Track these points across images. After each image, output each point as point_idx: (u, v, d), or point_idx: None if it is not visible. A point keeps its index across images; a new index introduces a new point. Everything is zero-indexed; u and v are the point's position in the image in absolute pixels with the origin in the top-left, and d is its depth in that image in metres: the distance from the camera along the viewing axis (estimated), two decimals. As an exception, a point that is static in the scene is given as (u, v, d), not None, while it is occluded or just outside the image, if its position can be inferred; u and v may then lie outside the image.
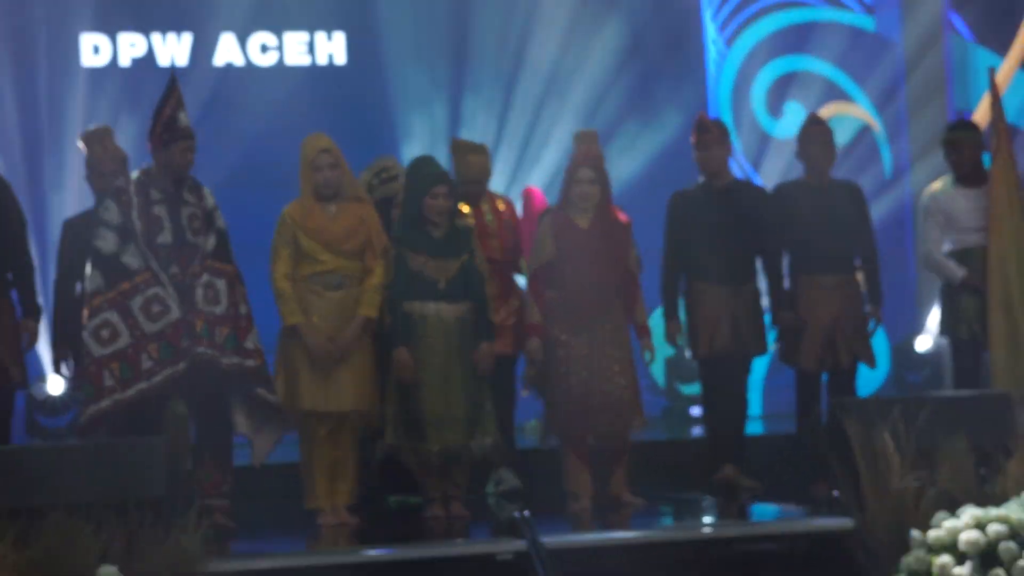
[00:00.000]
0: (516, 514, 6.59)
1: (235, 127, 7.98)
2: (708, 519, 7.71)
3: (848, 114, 12.51)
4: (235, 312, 7.29)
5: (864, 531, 6.55)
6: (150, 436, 6.62)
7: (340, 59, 11.83)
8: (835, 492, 7.04)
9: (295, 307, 7.47)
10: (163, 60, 11.49)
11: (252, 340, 7.33)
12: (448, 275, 7.59)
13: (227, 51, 11.65)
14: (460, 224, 7.78)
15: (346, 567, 6.53)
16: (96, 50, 11.45)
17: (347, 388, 7.51)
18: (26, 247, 7.61)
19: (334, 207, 7.62)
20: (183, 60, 11.50)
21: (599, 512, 7.68)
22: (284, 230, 7.58)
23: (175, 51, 11.52)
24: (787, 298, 8.33)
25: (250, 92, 11.42)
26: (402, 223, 7.66)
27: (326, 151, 7.63)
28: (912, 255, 12.46)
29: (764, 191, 8.64)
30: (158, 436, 6.56)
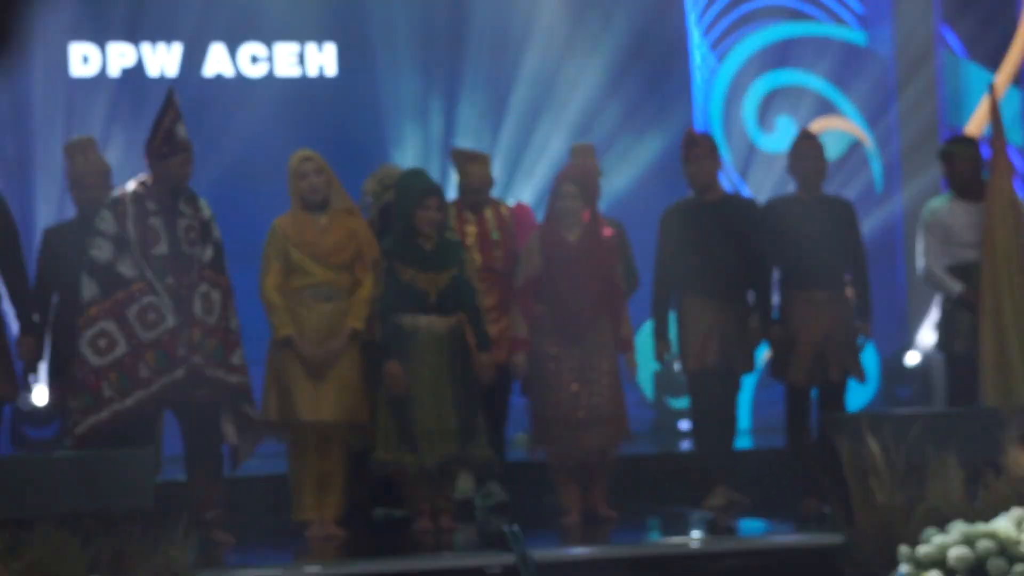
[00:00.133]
0: (505, 528, 6.57)
1: (225, 138, 7.97)
2: (697, 534, 7.69)
3: (839, 129, 12.53)
4: (225, 325, 7.32)
5: (853, 547, 6.56)
6: (141, 446, 6.63)
7: (331, 70, 11.82)
8: (825, 507, 7.06)
9: (287, 319, 7.47)
10: (153, 70, 11.48)
11: (238, 356, 7.35)
12: (439, 287, 7.58)
13: (217, 62, 11.64)
14: (450, 236, 7.78)
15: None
16: (85, 60, 11.43)
17: (335, 399, 7.51)
18: (21, 262, 7.57)
19: (324, 219, 7.62)
20: (173, 70, 11.49)
21: (587, 526, 7.68)
22: (274, 242, 7.58)
23: (165, 61, 11.50)
24: (777, 313, 8.33)
25: (240, 103, 11.41)
26: (392, 236, 7.66)
27: (309, 159, 7.66)
28: (902, 270, 12.49)
29: (754, 204, 8.63)
30: (147, 447, 6.55)
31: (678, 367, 8.73)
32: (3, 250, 7.45)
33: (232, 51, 11.65)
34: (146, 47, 11.47)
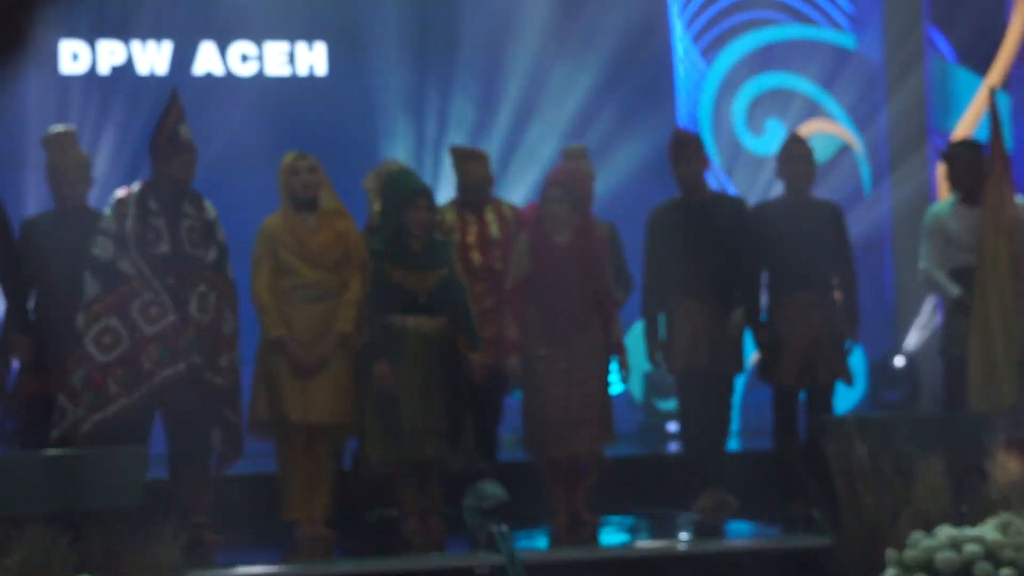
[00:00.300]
0: (494, 528, 6.58)
1: (214, 137, 7.99)
2: (684, 536, 7.70)
3: (828, 132, 12.55)
4: (217, 327, 7.35)
5: (840, 550, 6.55)
6: (135, 444, 6.65)
7: (321, 70, 11.82)
8: (812, 510, 7.06)
9: (278, 320, 7.47)
10: (142, 68, 11.47)
11: (227, 358, 7.37)
12: (428, 288, 7.59)
13: (207, 60, 11.63)
14: (439, 237, 7.79)
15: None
16: (75, 57, 11.42)
17: (324, 400, 7.50)
18: (16, 260, 7.55)
19: (313, 219, 7.62)
20: (163, 68, 11.48)
21: (575, 528, 7.69)
22: (263, 243, 7.58)
23: (155, 59, 11.49)
24: (766, 316, 8.34)
25: (230, 102, 11.41)
26: (382, 236, 7.66)
27: (303, 157, 7.66)
28: (890, 273, 12.52)
29: (742, 202, 8.63)
30: (138, 446, 6.55)
31: (666, 369, 8.70)
32: None
33: (222, 50, 11.65)
34: (136, 45, 11.46)
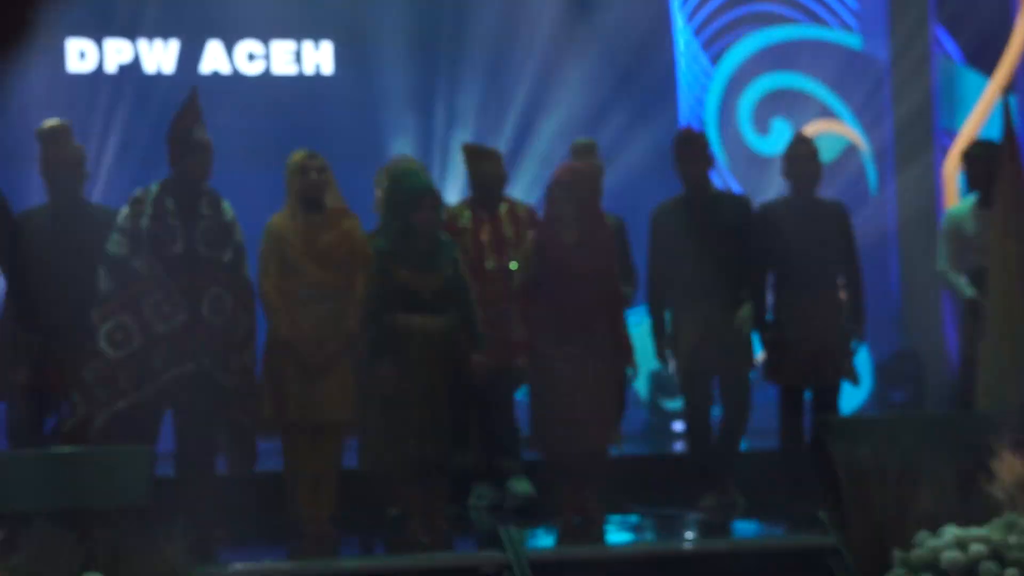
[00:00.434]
0: (499, 527, 6.59)
1: (220, 136, 8.04)
2: (690, 535, 7.71)
3: (834, 132, 12.55)
4: (231, 328, 7.38)
5: (846, 549, 6.57)
6: (144, 442, 6.69)
7: (327, 69, 11.83)
8: (818, 510, 7.07)
9: (285, 319, 7.48)
10: (149, 67, 11.49)
11: (239, 359, 7.39)
12: (433, 288, 7.59)
13: (214, 59, 11.64)
14: (444, 237, 7.79)
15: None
16: (82, 55, 11.43)
17: (330, 399, 7.51)
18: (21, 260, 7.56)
19: (319, 219, 7.63)
20: (169, 67, 11.49)
21: (583, 526, 7.70)
22: (270, 242, 7.59)
23: (161, 58, 11.51)
24: (771, 315, 8.35)
25: (236, 100, 11.42)
26: (386, 236, 7.66)
27: (313, 157, 7.67)
28: (895, 273, 12.52)
29: (747, 201, 8.64)
30: (144, 445, 6.57)
31: (671, 368, 8.70)
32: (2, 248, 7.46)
33: (229, 48, 11.66)
34: (143, 44, 11.48)
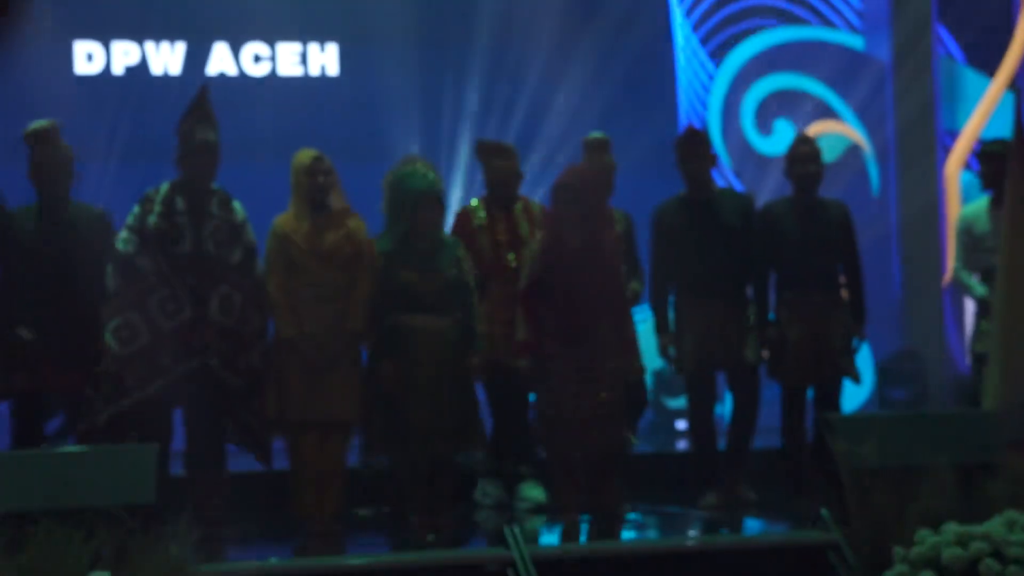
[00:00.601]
0: (504, 526, 6.61)
1: (227, 136, 8.09)
2: (693, 532, 7.73)
3: (837, 132, 12.58)
4: (239, 328, 7.44)
5: (847, 546, 6.58)
6: (153, 440, 6.72)
7: (333, 70, 11.88)
8: (819, 507, 7.09)
9: (291, 319, 7.52)
10: (156, 69, 11.53)
11: (247, 359, 7.43)
12: (436, 288, 7.62)
13: (220, 60, 11.69)
14: (447, 237, 7.81)
15: (333, 575, 6.55)
16: (89, 58, 11.48)
17: (336, 398, 7.55)
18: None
19: (324, 219, 7.66)
20: (176, 69, 11.54)
21: (589, 524, 7.72)
22: (275, 242, 7.62)
23: (168, 60, 11.56)
24: (774, 314, 8.37)
25: (243, 102, 11.46)
26: (390, 236, 7.70)
27: (319, 159, 7.70)
28: (897, 272, 12.54)
29: (750, 199, 8.65)
30: (151, 443, 6.60)
31: (675, 366, 8.71)
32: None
33: (235, 50, 11.70)
34: (150, 46, 11.53)
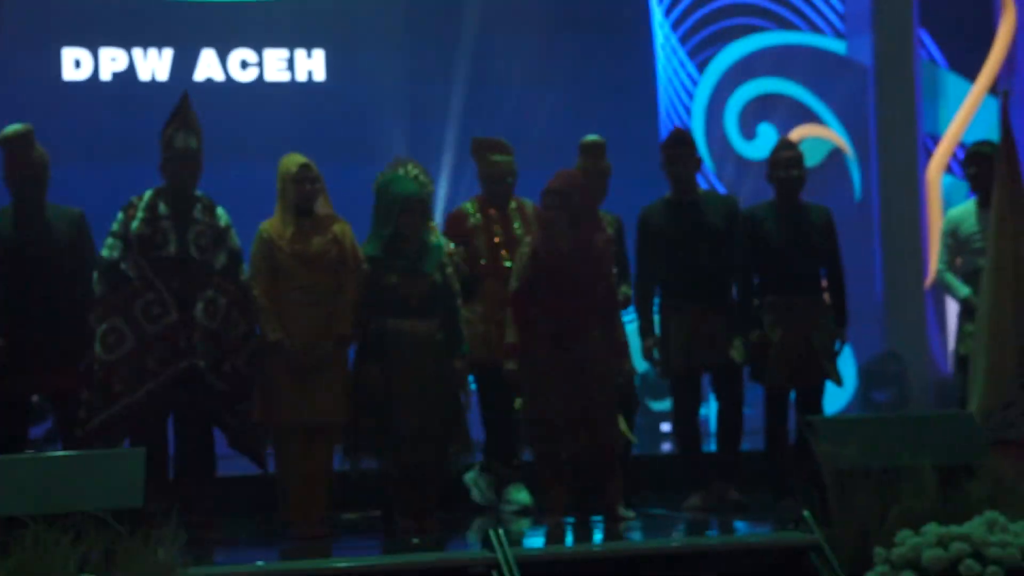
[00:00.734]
0: (488, 528, 6.63)
1: (214, 142, 8.14)
2: (676, 534, 7.76)
3: (819, 136, 12.63)
4: (225, 332, 7.48)
5: (829, 547, 6.60)
6: (147, 444, 6.76)
7: (319, 76, 11.92)
8: (802, 508, 7.12)
9: (276, 323, 7.55)
10: (144, 75, 11.57)
11: (232, 363, 7.49)
12: (420, 292, 7.66)
13: (208, 67, 11.73)
14: (431, 241, 7.86)
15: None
16: (77, 64, 11.53)
17: (322, 401, 7.58)
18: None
19: (309, 223, 7.70)
20: (164, 75, 11.58)
21: (579, 525, 7.75)
22: (261, 246, 7.66)
23: (156, 66, 11.60)
24: (755, 317, 8.42)
25: (230, 107, 11.50)
26: (374, 241, 7.73)
27: (307, 166, 7.72)
28: (879, 276, 12.60)
29: (734, 202, 8.70)
30: (139, 447, 6.63)
31: (659, 369, 8.74)
32: None
33: (222, 56, 11.74)
34: (138, 52, 11.57)
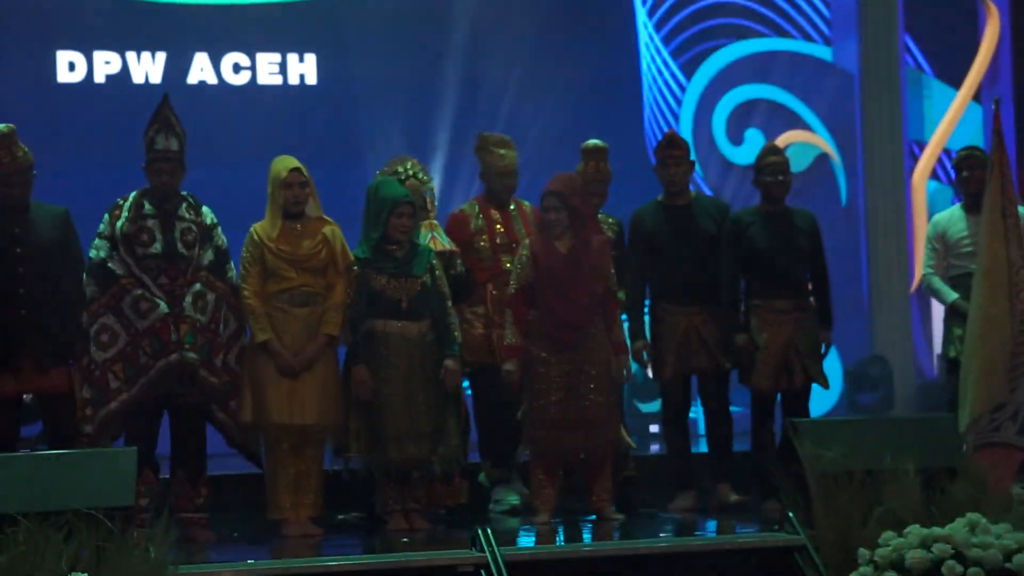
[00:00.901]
0: (477, 527, 6.66)
1: (207, 145, 8.16)
2: (663, 535, 7.80)
3: (806, 142, 12.67)
4: (216, 328, 7.53)
5: (814, 548, 6.64)
6: (140, 441, 6.79)
7: (311, 80, 11.97)
8: (786, 509, 7.17)
9: (265, 324, 7.60)
10: (137, 78, 11.61)
11: (223, 359, 7.55)
12: (410, 294, 7.71)
13: (200, 70, 11.77)
14: (421, 244, 7.91)
15: (309, 577, 6.62)
16: (71, 67, 11.56)
17: (312, 402, 7.62)
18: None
19: (299, 224, 7.76)
20: (157, 78, 11.62)
21: (568, 525, 7.79)
22: (252, 248, 7.70)
23: (149, 69, 11.63)
24: (742, 320, 8.48)
25: (223, 110, 11.55)
26: (365, 243, 7.79)
27: (297, 169, 7.77)
28: (865, 280, 12.64)
29: (723, 204, 8.77)
30: (130, 446, 6.66)
31: (650, 373, 8.80)
32: None
33: (215, 60, 11.79)
34: (131, 55, 11.61)
